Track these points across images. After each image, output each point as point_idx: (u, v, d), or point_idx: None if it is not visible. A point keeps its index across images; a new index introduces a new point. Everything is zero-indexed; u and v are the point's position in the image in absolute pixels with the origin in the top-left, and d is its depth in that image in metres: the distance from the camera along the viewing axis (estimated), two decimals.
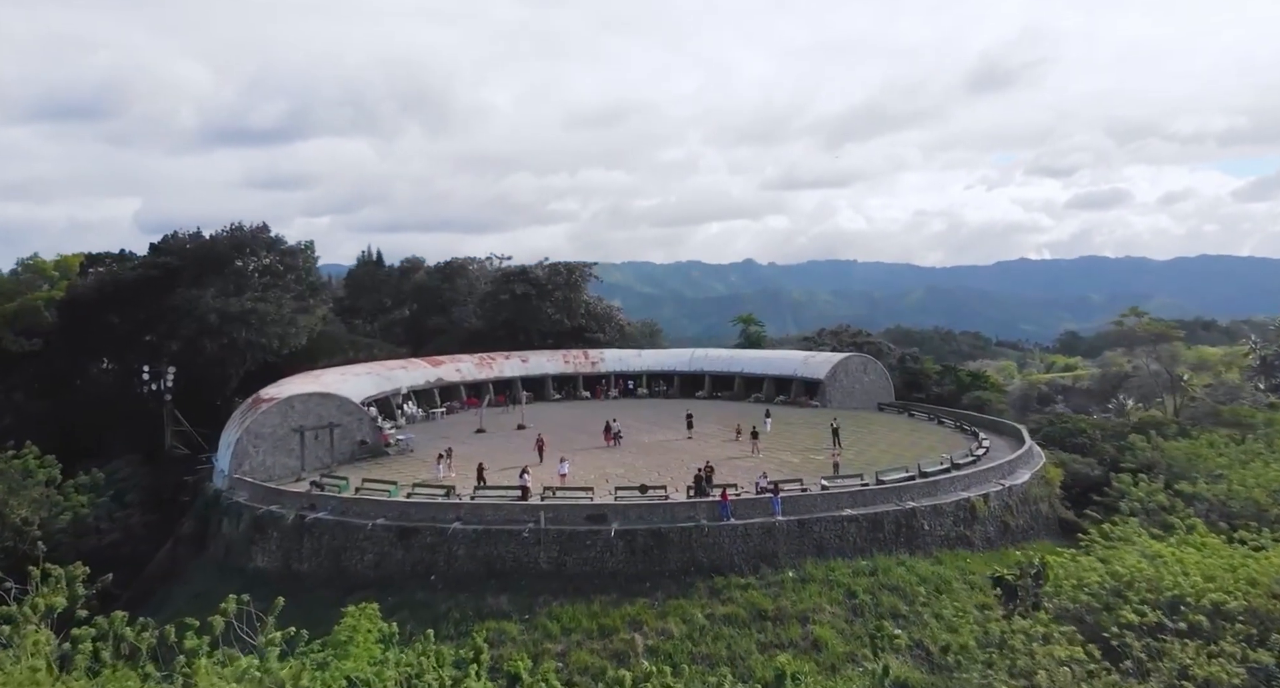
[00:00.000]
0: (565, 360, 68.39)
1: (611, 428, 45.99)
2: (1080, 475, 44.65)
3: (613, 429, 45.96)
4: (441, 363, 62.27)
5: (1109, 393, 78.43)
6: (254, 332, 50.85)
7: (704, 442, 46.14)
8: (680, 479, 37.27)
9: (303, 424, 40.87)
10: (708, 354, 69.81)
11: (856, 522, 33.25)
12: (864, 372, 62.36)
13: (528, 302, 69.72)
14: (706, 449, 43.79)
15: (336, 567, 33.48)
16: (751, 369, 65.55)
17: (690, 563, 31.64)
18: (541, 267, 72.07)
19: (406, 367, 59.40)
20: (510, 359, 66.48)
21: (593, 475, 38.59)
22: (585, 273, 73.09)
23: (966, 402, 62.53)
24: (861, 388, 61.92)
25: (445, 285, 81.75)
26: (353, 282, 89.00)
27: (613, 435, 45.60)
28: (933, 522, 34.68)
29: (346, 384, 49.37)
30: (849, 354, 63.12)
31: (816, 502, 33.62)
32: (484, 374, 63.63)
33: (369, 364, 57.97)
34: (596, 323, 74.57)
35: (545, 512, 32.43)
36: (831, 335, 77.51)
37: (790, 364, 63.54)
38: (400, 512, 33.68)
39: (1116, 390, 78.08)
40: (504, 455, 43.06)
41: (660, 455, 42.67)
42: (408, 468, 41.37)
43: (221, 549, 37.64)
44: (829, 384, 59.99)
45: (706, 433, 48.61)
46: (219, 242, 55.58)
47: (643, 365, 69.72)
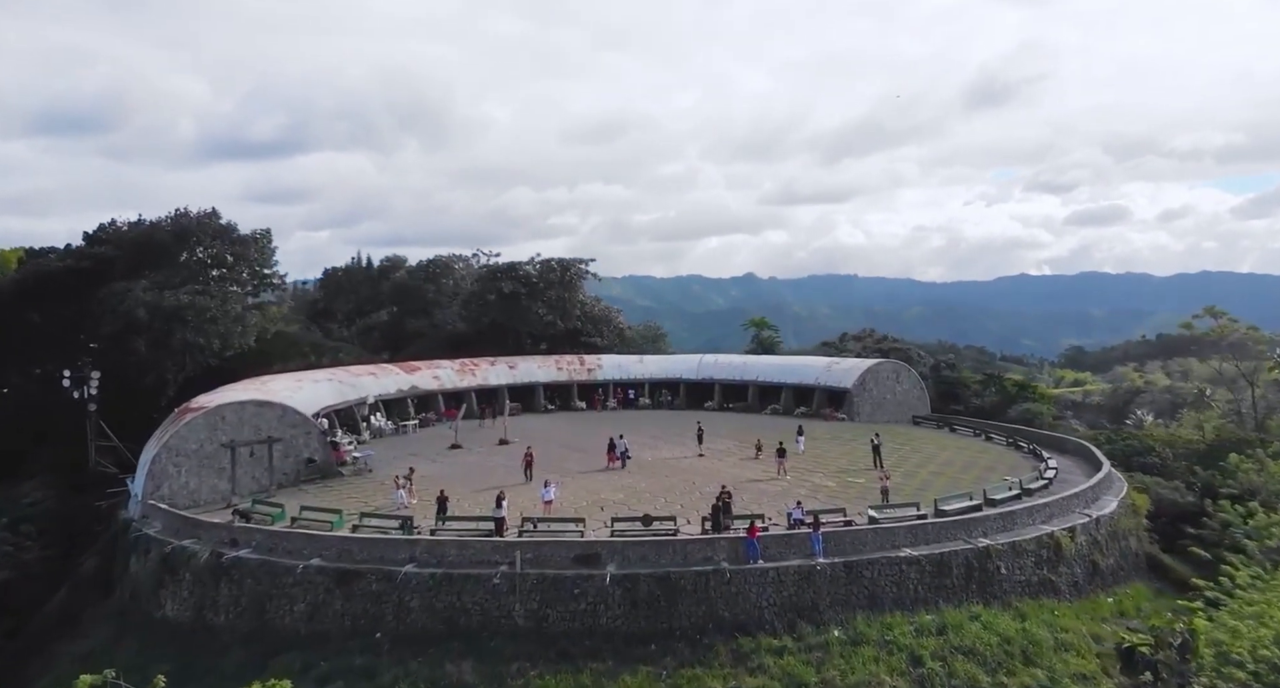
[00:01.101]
0: (559, 367, 61.91)
1: (616, 446, 38.77)
2: (1166, 502, 38.05)
3: (618, 448, 38.78)
4: (417, 369, 55.79)
5: (1121, 409, 73.10)
6: (191, 330, 44.39)
7: (718, 460, 39.58)
8: (692, 508, 30.72)
9: (235, 439, 34.33)
10: (717, 360, 63.31)
11: (918, 565, 26.63)
12: (896, 380, 55.84)
13: (517, 302, 63.30)
14: (721, 469, 37.25)
15: (260, 619, 26.90)
16: (767, 377, 59.04)
17: (707, 619, 25.06)
18: (533, 263, 65.66)
19: (376, 373, 52.94)
20: (496, 365, 60.02)
21: (585, 502, 32.03)
22: (581, 271, 66.63)
23: (1013, 415, 55.97)
24: (893, 399, 55.40)
25: (428, 286, 75.50)
26: (329, 283, 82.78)
27: (618, 456, 38.59)
28: (1011, 564, 28.05)
29: (300, 392, 42.89)
30: (879, 361, 56.63)
31: (866, 539, 27.03)
32: (466, 382, 57.14)
33: (332, 370, 51.48)
34: (594, 326, 68.11)
35: (523, 551, 25.87)
36: (854, 341, 71.06)
37: (812, 372, 57.03)
38: (340, 550, 27.11)
39: (1129, 406, 72.81)
40: (480, 477, 36.52)
41: (666, 477, 36.08)
42: (363, 492, 34.83)
43: (127, 594, 31.06)
44: (857, 394, 53.48)
45: (720, 450, 42.08)
46: (159, 229, 49.23)
47: (645, 373, 63.23)
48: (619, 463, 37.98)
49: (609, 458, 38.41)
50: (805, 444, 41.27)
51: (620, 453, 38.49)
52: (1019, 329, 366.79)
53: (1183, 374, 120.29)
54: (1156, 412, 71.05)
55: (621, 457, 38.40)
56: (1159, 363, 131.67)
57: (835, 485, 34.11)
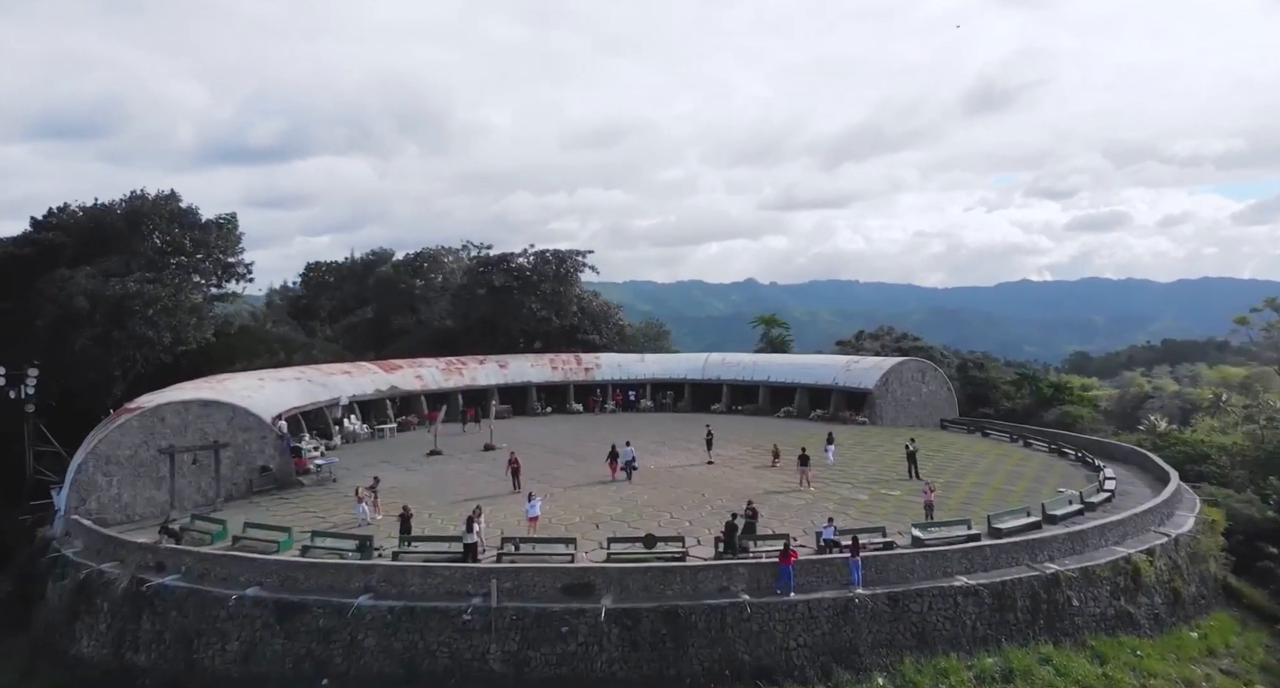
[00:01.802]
0: (553, 366, 57.72)
1: (620, 455, 33.70)
2: (1242, 518, 33.74)
3: (621, 457, 33.70)
4: (398, 368, 51.60)
5: (1130, 414, 69.45)
6: (139, 322, 40.16)
7: (729, 468, 35.32)
8: (702, 525, 26.51)
9: (174, 444, 30.12)
10: (725, 360, 59.07)
11: (975, 597, 22.40)
12: (921, 380, 51.60)
13: (508, 296, 59.10)
14: (734, 480, 33.02)
15: (186, 659, 22.70)
16: (780, 377, 54.79)
17: (724, 662, 20.89)
18: (526, 255, 61.45)
19: (352, 372, 48.75)
20: (485, 364, 55.83)
21: (577, 518, 27.79)
22: (578, 262, 62.42)
23: (1050, 418, 51.74)
24: (919, 400, 51.16)
25: (415, 280, 71.37)
26: (311, 279, 78.64)
27: (621, 466, 33.59)
28: (1083, 594, 23.82)
29: (260, 392, 38.76)
30: (903, 359, 52.38)
31: (913, 565, 22.79)
32: (452, 382, 52.94)
33: (302, 369, 47.33)
34: (591, 322, 63.89)
35: (500, 579, 21.65)
36: (872, 339, 66.87)
37: (829, 371, 52.78)
38: (284, 577, 22.90)
39: (1137, 411, 69.24)
40: (459, 487, 32.32)
41: (672, 488, 31.81)
42: (323, 505, 30.61)
43: (41, 626, 26.83)
44: (879, 396, 49.23)
45: (730, 456, 37.84)
46: (111, 213, 45.05)
47: (646, 372, 59.02)
48: (623, 474, 33.28)
49: (611, 468, 33.61)
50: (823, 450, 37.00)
51: (624, 463, 33.56)
52: (1021, 335, 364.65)
53: (1191, 379, 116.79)
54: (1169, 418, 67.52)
55: (626, 467, 33.47)
56: (1167, 368, 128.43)
57: (867, 499, 29.85)
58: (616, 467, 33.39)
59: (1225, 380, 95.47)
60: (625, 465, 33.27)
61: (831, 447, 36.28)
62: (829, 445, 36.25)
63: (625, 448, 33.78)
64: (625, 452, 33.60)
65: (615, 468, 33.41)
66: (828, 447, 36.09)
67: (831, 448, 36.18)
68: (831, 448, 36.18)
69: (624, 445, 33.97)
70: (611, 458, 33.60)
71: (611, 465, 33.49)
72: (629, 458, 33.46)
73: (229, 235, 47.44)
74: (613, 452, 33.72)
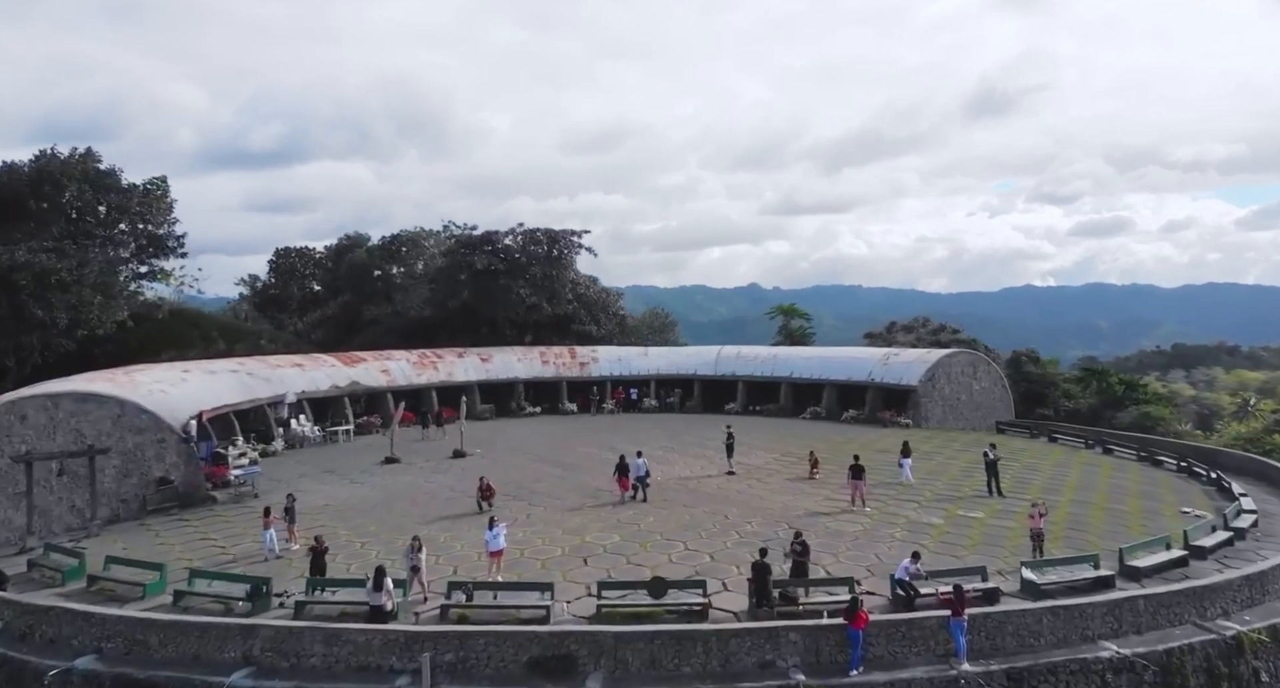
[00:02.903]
0: (544, 360, 51.07)
1: (632, 469, 26.13)
2: None
3: (632, 472, 26.18)
4: (360, 361, 44.96)
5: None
6: (35, 301, 33.58)
7: (757, 481, 28.55)
8: (728, 559, 19.79)
9: (34, 448, 23.48)
10: (740, 353, 52.36)
11: (1132, 674, 15.63)
12: (973, 376, 44.91)
13: (493, 281, 52.41)
14: (766, 496, 26.24)
15: None
16: (805, 373, 48.04)
17: None
18: (513, 234, 54.71)
19: (305, 365, 42.08)
20: (465, 357, 49.19)
21: (560, 550, 21.01)
22: (574, 243, 55.70)
23: (1123, 420, 45.00)
24: (969, 399, 44.47)
25: (392, 266, 64.79)
26: (279, 267, 72.04)
27: (632, 482, 26.04)
28: (1276, 663, 17.04)
29: (181, 386, 32.16)
30: (953, 351, 45.59)
31: (1038, 625, 16.03)
32: (426, 377, 46.28)
33: (244, 360, 40.72)
34: (588, 311, 57.17)
35: (439, 649, 14.96)
36: (905, 331, 60.10)
37: (864, 365, 46.02)
38: (132, 641, 16.22)
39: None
40: (411, 507, 25.61)
41: (686, 508, 25.02)
42: (231, 529, 23.91)
43: None
44: (925, 394, 42.50)
45: (755, 466, 31.11)
46: (14, 174, 38.44)
47: (650, 368, 52.33)
48: (633, 492, 25.87)
49: (620, 485, 26.01)
50: (868, 458, 30.17)
51: (636, 478, 26.00)
52: (1025, 340, 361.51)
53: (1207, 383, 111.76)
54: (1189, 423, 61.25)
55: (637, 484, 26.01)
56: (1181, 373, 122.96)
57: (943, 523, 23.04)
58: (628, 483, 25.89)
59: (1243, 384, 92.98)
60: (636, 482, 26.01)
61: (907, 461, 27.84)
62: (904, 459, 27.81)
63: (636, 460, 26.31)
64: (636, 465, 26.18)
65: (626, 484, 25.93)
66: (902, 461, 27.77)
67: (908, 463, 27.83)
68: (908, 463, 27.83)
69: (635, 458, 26.40)
70: (620, 472, 26.15)
71: (621, 482, 25.96)
72: (640, 472, 26.15)
73: (157, 202, 40.80)
74: (621, 464, 26.34)
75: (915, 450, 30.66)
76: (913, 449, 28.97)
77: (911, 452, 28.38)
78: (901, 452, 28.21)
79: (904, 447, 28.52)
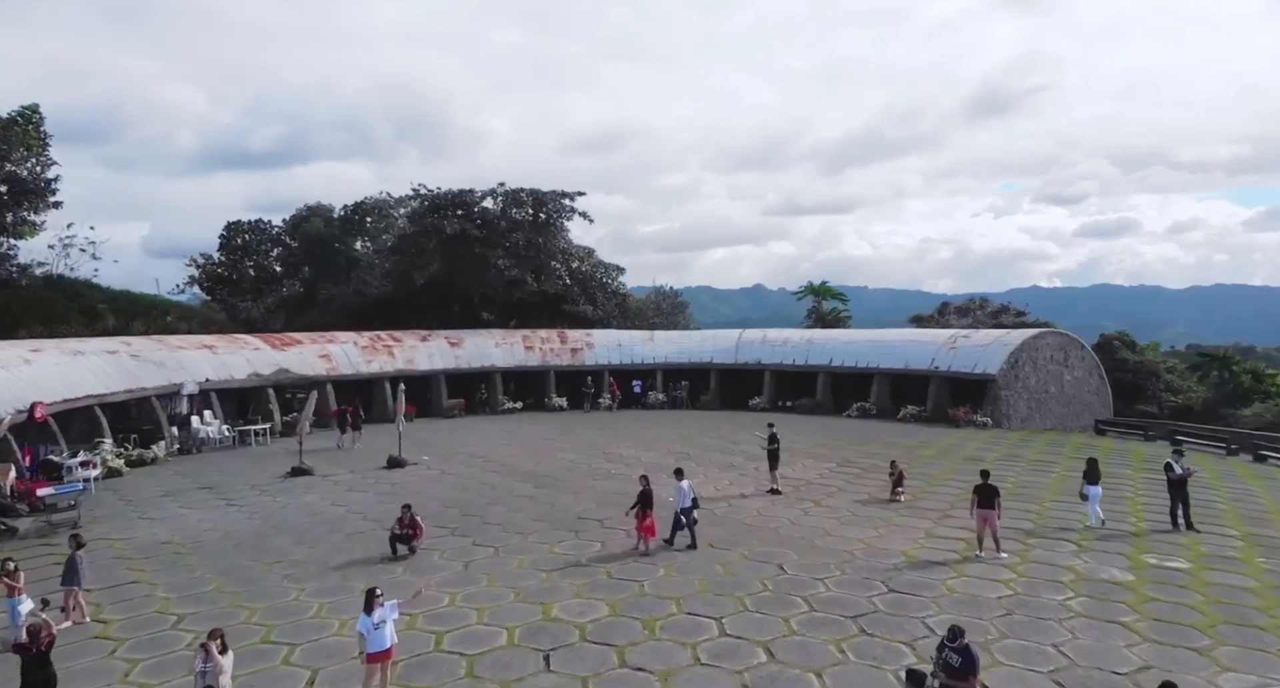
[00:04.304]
0: (528, 345, 42.69)
1: (675, 498, 16.73)
2: None
3: (680, 501, 16.52)
4: (293, 344, 36.63)
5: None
6: None
7: (813, 503, 19.97)
8: (798, 657, 11.23)
9: None
10: (766, 338, 43.90)
11: None
12: (1064, 363, 36.50)
13: (467, 249, 43.94)
14: (836, 528, 17.64)
15: None
16: (849, 360, 39.58)
17: None
18: (493, 195, 46.18)
19: (217, 347, 33.73)
20: (430, 341, 40.82)
21: (502, 638, 12.47)
22: (565, 207, 47.18)
23: (1251, 418, 36.51)
24: (1060, 392, 36.08)
25: (355, 238, 56.58)
26: (229, 243, 63.69)
27: (679, 519, 16.58)
28: None
29: (21, 371, 23.88)
30: (1040, 331, 37.00)
31: None
32: (379, 365, 37.92)
33: (131, 339, 32.47)
34: (582, 288, 48.68)
35: None
36: (959, 315, 51.56)
37: (924, 350, 37.52)
38: None
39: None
40: (294, 546, 17.12)
41: (716, 551, 16.28)
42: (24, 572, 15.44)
43: None
44: (1006, 385, 34.07)
45: (805, 481, 22.68)
46: None
47: (656, 355, 43.94)
48: (669, 538, 16.52)
49: (641, 529, 16.19)
50: (948, 470, 21.62)
51: (681, 512, 16.48)
52: None
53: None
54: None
55: (680, 520, 16.53)
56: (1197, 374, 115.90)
57: (1134, 580, 14.46)
58: (650, 524, 16.16)
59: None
60: (682, 517, 16.46)
61: (1096, 490, 17.74)
62: (1091, 488, 17.73)
63: (679, 485, 16.60)
64: (680, 492, 16.54)
65: (652, 528, 16.19)
66: (1089, 489, 17.74)
67: (1096, 493, 17.76)
68: (1096, 493, 17.76)
69: (680, 484, 16.59)
70: (642, 505, 16.21)
71: (643, 524, 16.12)
72: (686, 503, 16.46)
73: (20, 135, 32.35)
74: (644, 494, 16.29)
75: (1015, 458, 22.18)
76: (991, 460, 20.48)
77: (1100, 476, 18.10)
78: (1086, 475, 18.01)
79: (1089, 468, 18.08)
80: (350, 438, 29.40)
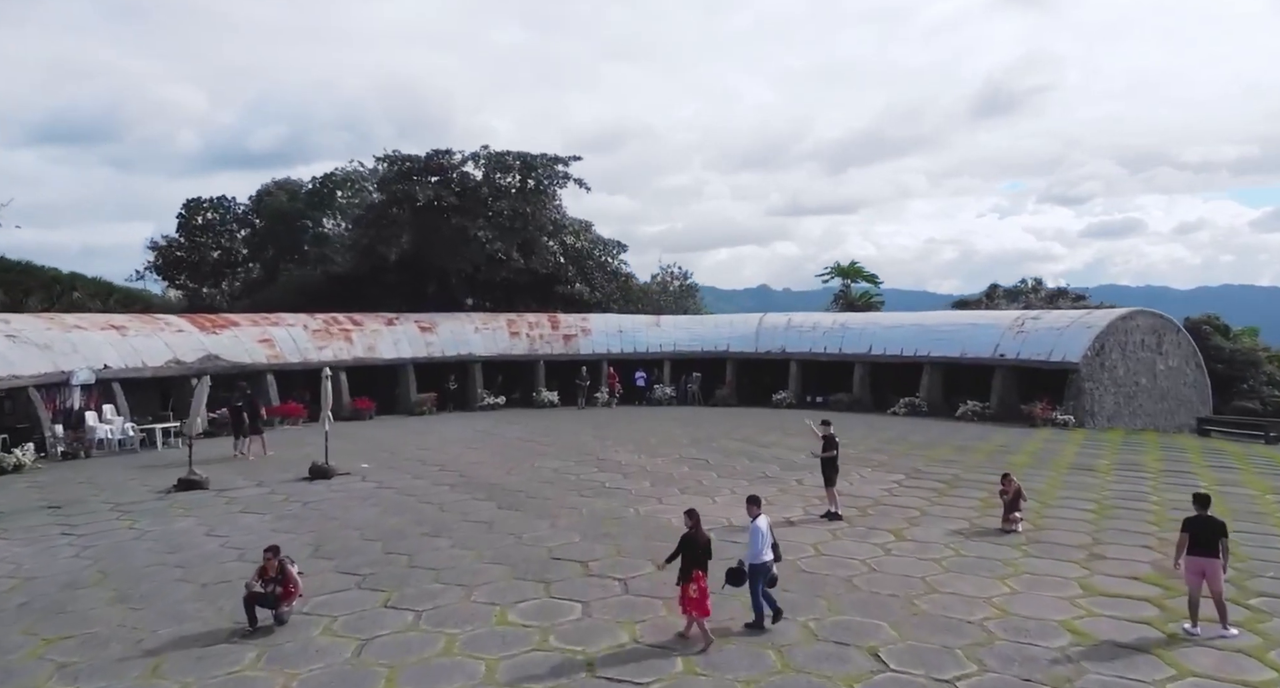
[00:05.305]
0: (513, 331, 36.94)
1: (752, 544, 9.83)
2: None
3: (753, 552, 9.76)
4: (229, 325, 30.92)
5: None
6: None
7: (893, 537, 14.13)
8: None
9: None
10: (791, 323, 38.07)
11: None
12: (1156, 350, 30.66)
13: (442, 220, 38.17)
14: (936, 578, 11.77)
15: None
16: (892, 348, 33.76)
17: None
18: (475, 158, 40.35)
19: (126, 328, 28.02)
20: (397, 325, 35.10)
21: None
22: (558, 173, 41.34)
23: None
24: (1151, 385, 30.29)
25: (323, 214, 50.94)
26: (189, 224, 58.01)
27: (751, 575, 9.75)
28: None
29: None
30: (1128, 311, 30.99)
31: None
32: (330, 353, 32.17)
33: (9, 317, 26.81)
34: (577, 267, 42.82)
35: None
36: (1009, 298, 45.66)
37: (986, 335, 31.64)
38: None
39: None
40: (104, 617, 11.22)
41: (779, 629, 10.45)
42: None
43: None
44: (1090, 376, 28.23)
45: (869, 499, 16.83)
46: None
47: (664, 343, 38.18)
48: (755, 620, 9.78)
49: (688, 604, 9.28)
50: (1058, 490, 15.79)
51: (756, 567, 9.71)
52: None
53: None
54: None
55: (762, 605, 9.79)
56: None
57: None
58: (703, 595, 9.23)
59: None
60: (755, 574, 9.75)
61: None
62: None
63: (754, 525, 9.92)
64: (756, 537, 9.82)
65: (705, 604, 9.27)
66: None
67: None
68: None
69: (750, 516, 10.08)
70: (689, 558, 9.38)
71: (690, 599, 9.25)
72: (761, 557, 9.75)
73: None
74: (690, 542, 9.48)
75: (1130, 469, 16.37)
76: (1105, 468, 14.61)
77: None
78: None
79: None
80: (249, 444, 22.94)
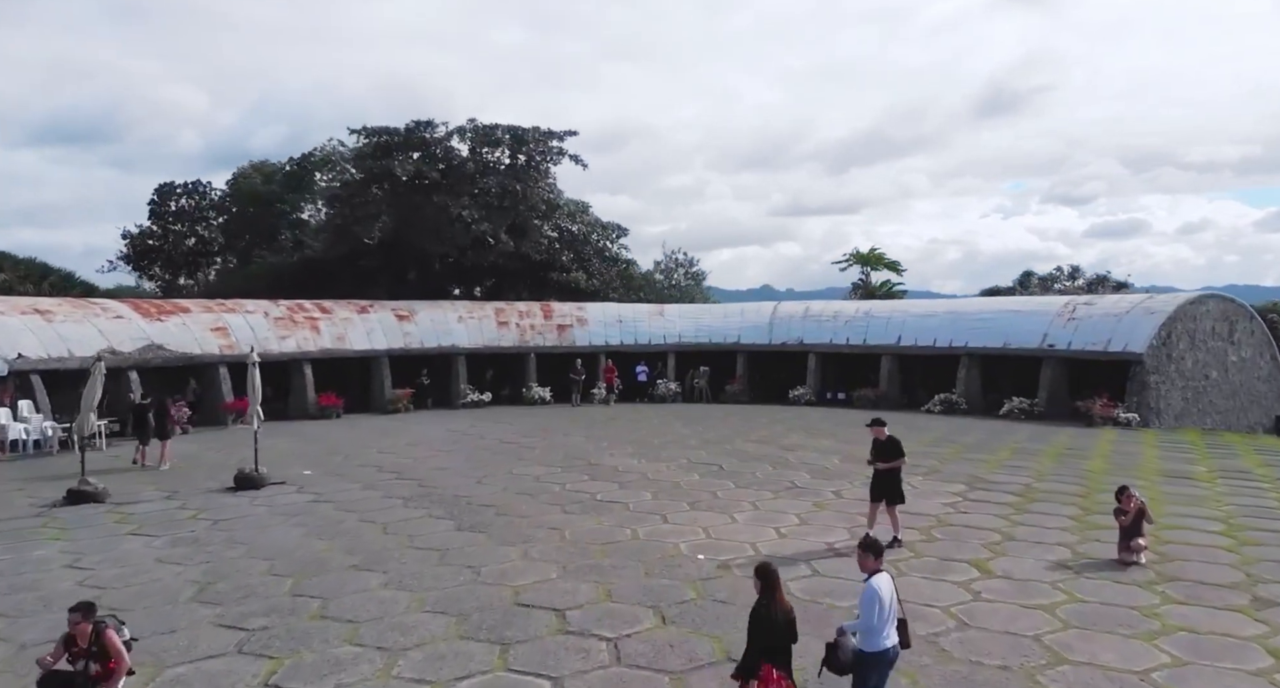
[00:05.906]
0: (501, 320, 33.55)
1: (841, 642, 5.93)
2: None
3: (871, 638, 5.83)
4: (178, 312, 27.54)
5: None
6: None
7: (985, 574, 10.78)
8: None
9: None
10: (809, 311, 34.64)
11: None
12: (1228, 339, 27.21)
13: (424, 199, 34.76)
14: (1061, 639, 8.41)
15: None
16: (923, 338, 30.33)
17: None
18: (461, 132, 36.97)
19: (55, 314, 24.66)
20: (371, 312, 31.69)
21: None
22: (552, 149, 37.95)
23: None
24: (1223, 379, 26.84)
25: (300, 196, 47.64)
26: (161, 211, 54.71)
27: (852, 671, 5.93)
28: None
29: None
30: (1197, 295, 27.46)
31: None
32: (294, 343, 28.80)
33: None
34: (573, 252, 39.37)
35: None
36: (1043, 287, 42.17)
37: (1032, 322, 28.16)
38: None
39: None
40: None
41: None
42: None
43: None
44: (1156, 368, 24.79)
45: (930, 517, 13.36)
46: None
47: (668, 334, 34.78)
48: None
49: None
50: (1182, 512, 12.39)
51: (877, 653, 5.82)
52: None
53: None
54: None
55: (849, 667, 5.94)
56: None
57: None
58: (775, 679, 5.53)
59: None
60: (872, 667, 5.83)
61: None
62: None
63: (870, 584, 5.90)
64: (871, 609, 5.81)
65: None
66: None
67: None
68: None
69: (864, 570, 6.05)
70: (757, 642, 5.70)
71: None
72: (883, 645, 5.82)
73: None
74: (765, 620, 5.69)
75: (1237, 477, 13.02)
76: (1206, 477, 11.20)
77: None
78: None
79: None
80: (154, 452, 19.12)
